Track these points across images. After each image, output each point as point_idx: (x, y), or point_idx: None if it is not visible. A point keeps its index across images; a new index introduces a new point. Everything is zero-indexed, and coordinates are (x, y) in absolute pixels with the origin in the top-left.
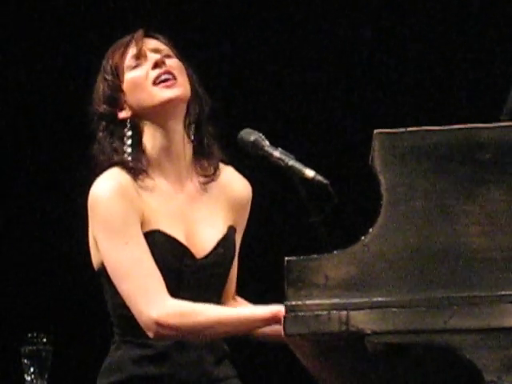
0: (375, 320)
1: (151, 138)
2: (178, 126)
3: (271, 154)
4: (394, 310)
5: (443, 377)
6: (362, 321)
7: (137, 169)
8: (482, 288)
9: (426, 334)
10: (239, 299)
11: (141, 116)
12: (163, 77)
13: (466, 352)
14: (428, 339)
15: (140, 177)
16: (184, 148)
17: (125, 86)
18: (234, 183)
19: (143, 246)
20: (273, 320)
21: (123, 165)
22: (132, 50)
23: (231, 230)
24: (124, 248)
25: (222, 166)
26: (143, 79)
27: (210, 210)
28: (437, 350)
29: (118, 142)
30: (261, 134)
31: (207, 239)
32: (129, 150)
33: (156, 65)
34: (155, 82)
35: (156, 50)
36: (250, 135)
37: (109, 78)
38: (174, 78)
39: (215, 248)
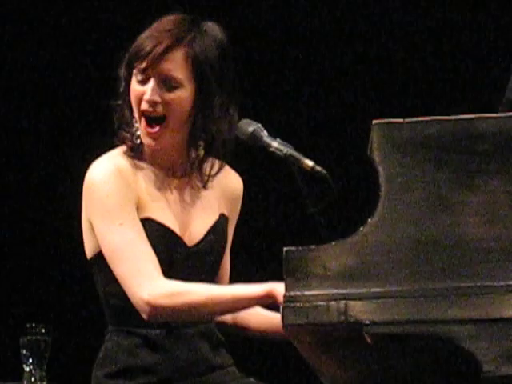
0: (374, 310)
1: None
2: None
3: (270, 145)
4: (393, 300)
5: (442, 366)
6: (361, 311)
7: (137, 153)
8: (480, 278)
9: (425, 324)
10: None
11: None
12: (148, 114)
13: (464, 342)
14: (426, 329)
15: (138, 161)
16: (182, 143)
17: (131, 83)
18: (227, 175)
19: (138, 227)
20: (267, 297)
21: (125, 147)
22: (142, 64)
23: (222, 218)
24: (119, 229)
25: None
26: (137, 99)
27: (202, 197)
28: (435, 340)
29: (127, 122)
30: (259, 125)
31: (199, 227)
32: (138, 132)
33: (147, 102)
34: (142, 113)
35: (163, 78)
36: (249, 126)
37: (124, 66)
38: (160, 121)
39: (206, 235)
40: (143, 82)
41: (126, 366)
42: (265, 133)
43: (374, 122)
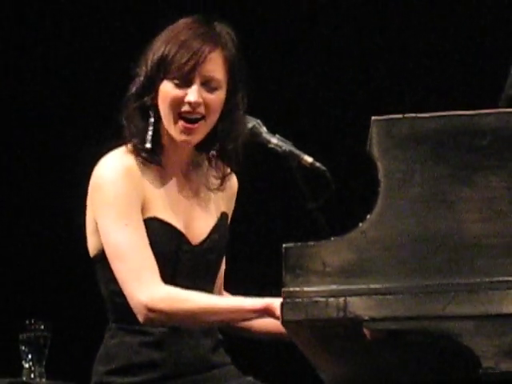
0: (373, 306)
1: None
2: None
3: (269, 141)
4: (392, 296)
5: (441, 362)
6: (360, 307)
7: (146, 155)
8: (480, 274)
9: (424, 320)
10: (226, 294)
11: None
12: (189, 116)
13: (463, 338)
14: (426, 326)
15: (145, 162)
16: (193, 148)
17: (160, 87)
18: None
19: (141, 230)
20: (264, 312)
21: (134, 147)
22: (186, 67)
23: (224, 216)
24: (123, 230)
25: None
26: (175, 102)
27: (204, 196)
28: (434, 337)
29: (143, 124)
30: (258, 120)
31: (203, 225)
32: (149, 137)
33: (190, 104)
34: (180, 115)
35: (206, 79)
36: (248, 121)
37: (153, 71)
38: (200, 119)
39: (210, 234)
40: (182, 85)
41: (128, 363)
42: (264, 129)
43: (374, 117)
